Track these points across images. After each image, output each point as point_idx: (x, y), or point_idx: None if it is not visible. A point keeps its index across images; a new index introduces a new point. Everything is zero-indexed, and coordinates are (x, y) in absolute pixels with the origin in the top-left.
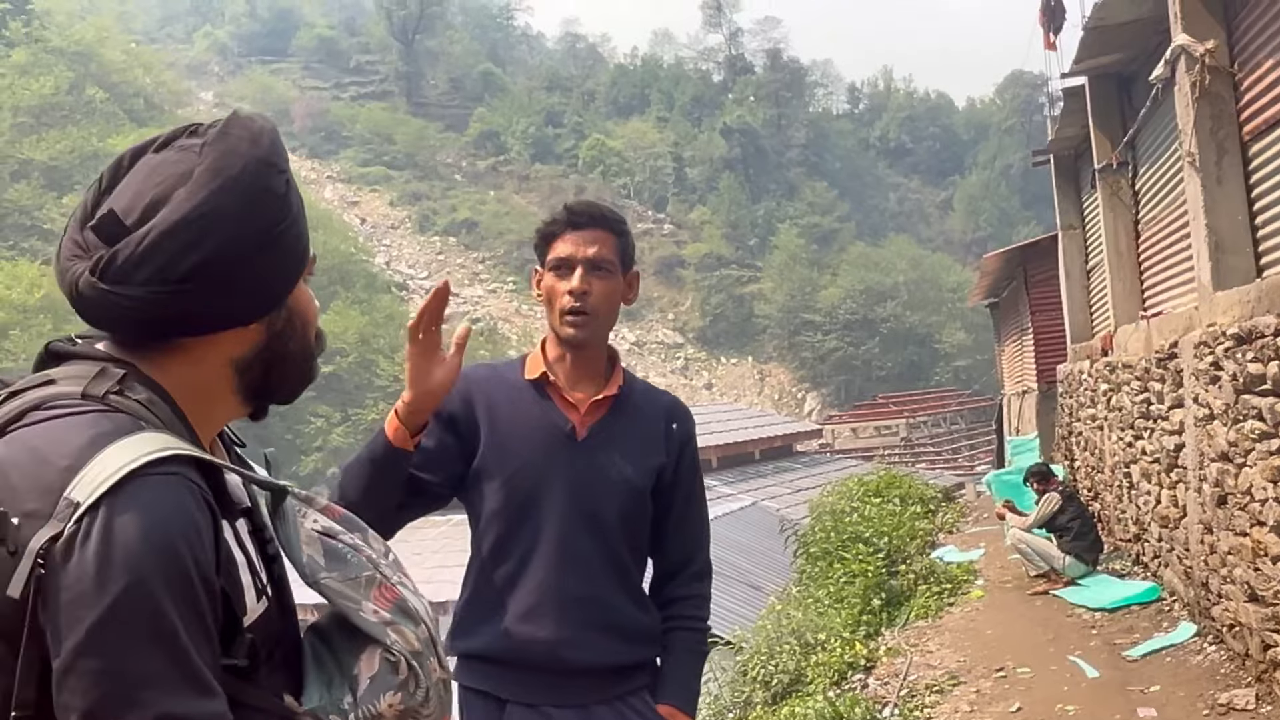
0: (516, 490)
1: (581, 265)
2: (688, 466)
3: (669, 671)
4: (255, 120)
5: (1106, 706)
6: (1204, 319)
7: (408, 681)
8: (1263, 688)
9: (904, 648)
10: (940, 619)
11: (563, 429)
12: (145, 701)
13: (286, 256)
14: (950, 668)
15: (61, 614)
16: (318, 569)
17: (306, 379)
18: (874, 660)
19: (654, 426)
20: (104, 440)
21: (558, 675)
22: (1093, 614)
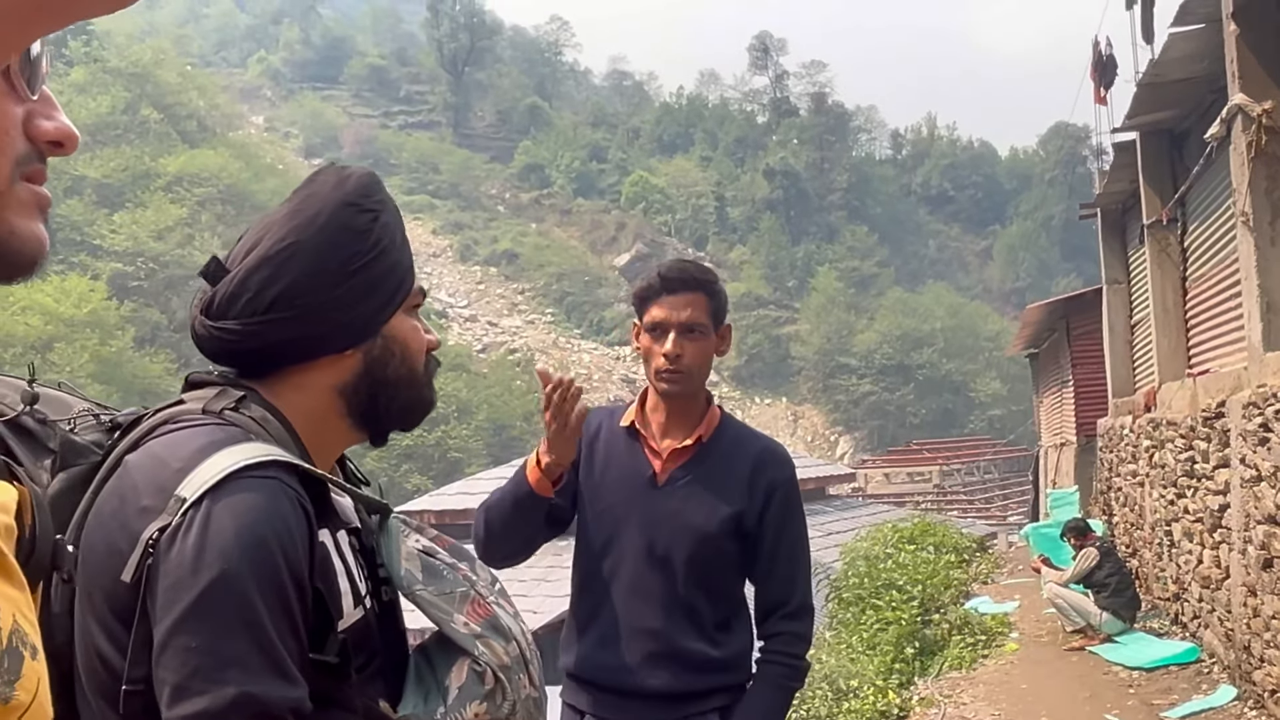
0: (601, 529)
1: (675, 329)
2: (777, 512)
3: (747, 699)
4: (346, 168)
5: None
6: (1254, 379)
7: (494, 693)
8: None
9: (937, 698)
10: (974, 671)
11: (644, 475)
12: (228, 679)
13: (374, 288)
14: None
15: (162, 596)
16: (414, 582)
17: (418, 406)
18: (907, 710)
19: (738, 473)
20: (214, 448)
21: (624, 697)
22: (1130, 673)
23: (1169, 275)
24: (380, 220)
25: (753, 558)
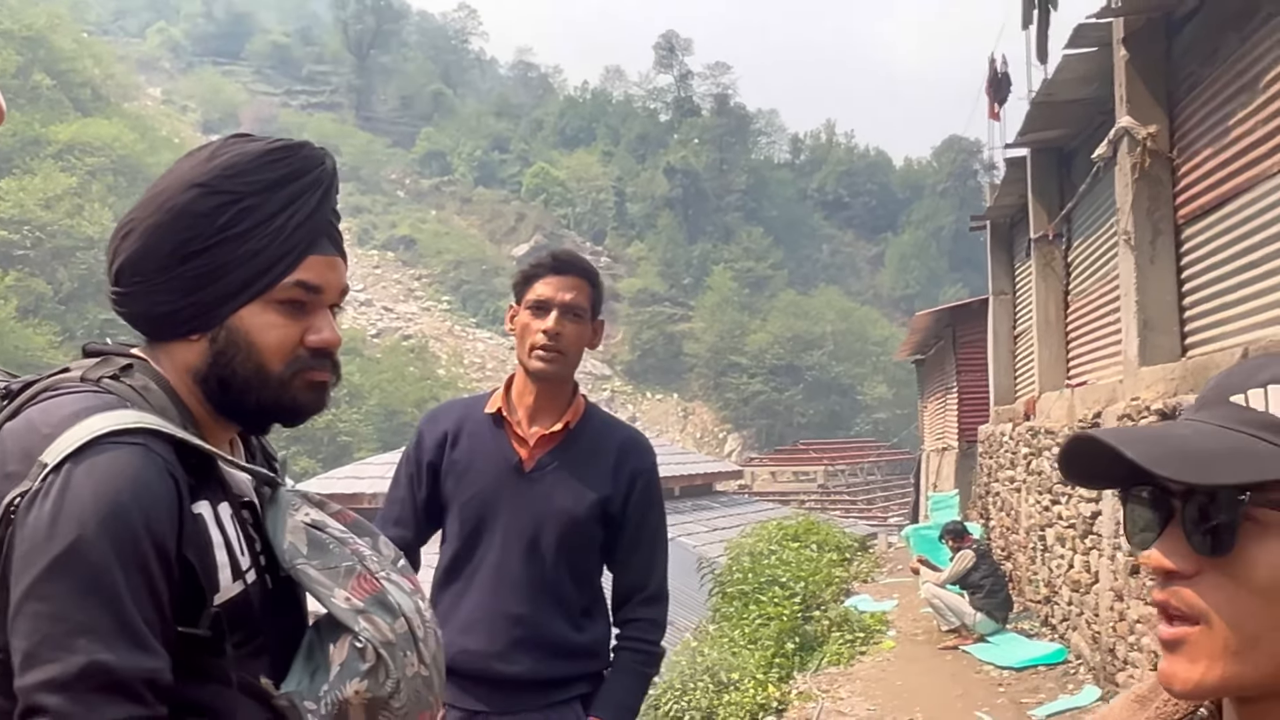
0: (468, 517)
1: (558, 308)
2: (639, 500)
3: (606, 687)
4: (227, 144)
5: None
6: (1128, 392)
7: (375, 670)
8: None
9: (815, 693)
10: (852, 667)
11: (511, 462)
12: (78, 648)
13: (214, 275)
14: (860, 716)
15: (17, 562)
16: (297, 555)
17: (277, 407)
18: (786, 703)
19: (604, 460)
20: (85, 414)
21: (490, 685)
22: (1000, 672)
23: (1052, 289)
24: (238, 205)
25: (614, 543)
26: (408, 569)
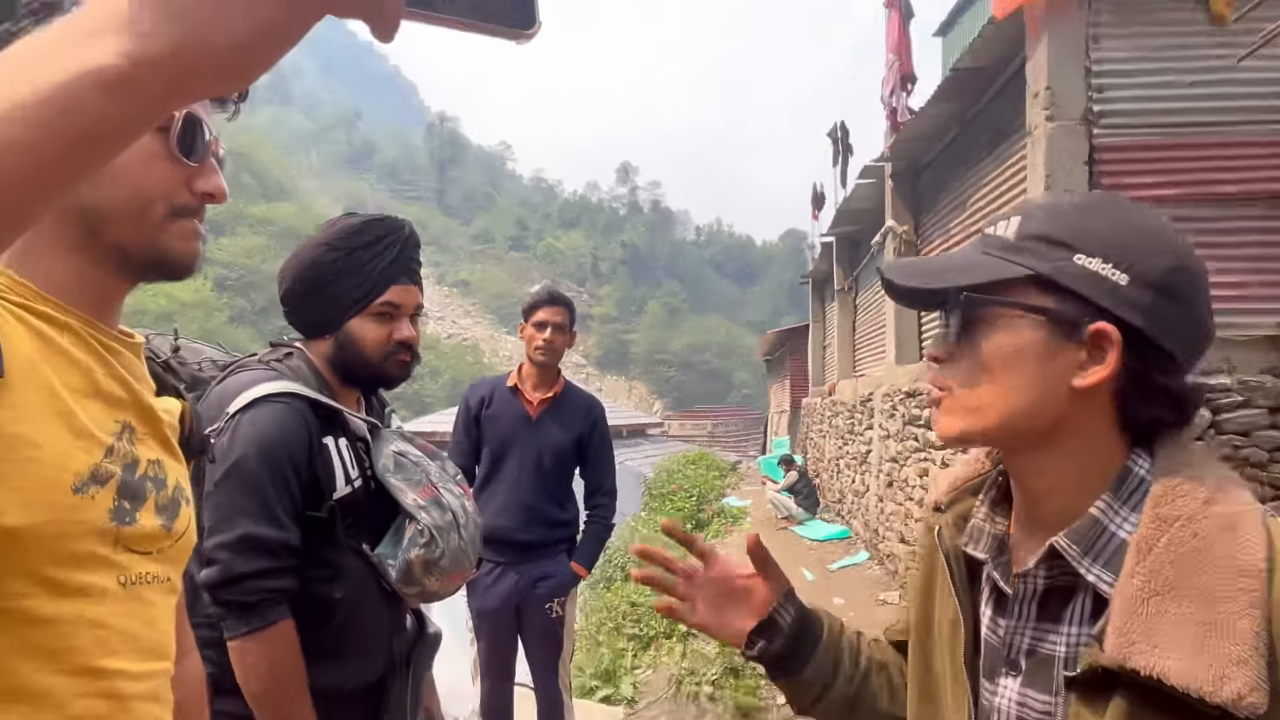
0: (497, 447)
1: (551, 326)
2: (598, 434)
3: (580, 544)
4: (347, 220)
5: (818, 597)
6: (888, 380)
7: (430, 544)
8: (902, 592)
9: None
10: (726, 539)
11: (523, 414)
12: (238, 524)
13: (334, 300)
14: None
15: (209, 471)
16: (387, 472)
17: (378, 377)
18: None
19: (577, 412)
20: (256, 382)
21: (513, 546)
22: (811, 543)
23: (846, 319)
24: (348, 257)
25: (584, 460)
26: (462, 480)
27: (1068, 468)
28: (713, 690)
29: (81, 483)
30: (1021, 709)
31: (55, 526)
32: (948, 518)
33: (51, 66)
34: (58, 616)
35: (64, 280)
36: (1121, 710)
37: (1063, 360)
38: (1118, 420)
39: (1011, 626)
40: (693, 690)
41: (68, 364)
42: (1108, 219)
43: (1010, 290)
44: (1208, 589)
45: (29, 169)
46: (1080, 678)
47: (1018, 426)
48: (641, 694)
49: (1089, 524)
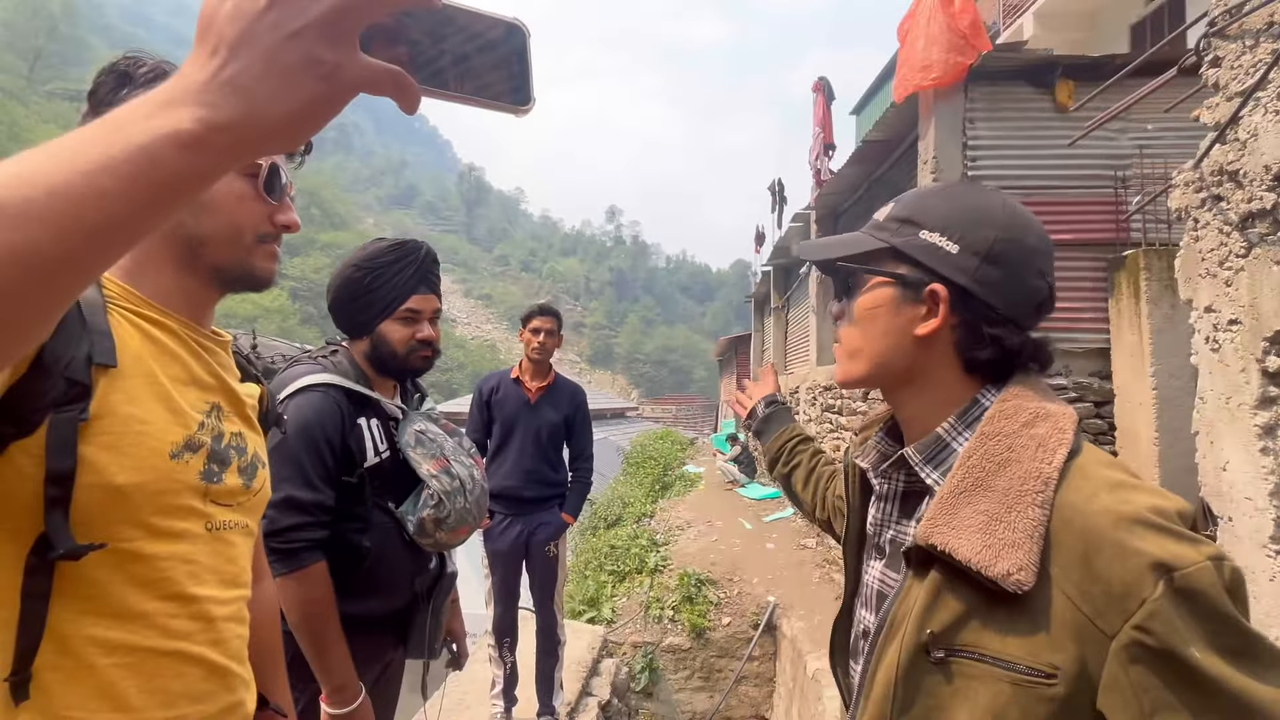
0: (505, 425)
1: (543, 331)
2: (582, 414)
3: (568, 498)
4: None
5: (755, 542)
6: (811, 377)
7: (439, 505)
8: (819, 538)
9: (668, 508)
10: (685, 498)
11: (524, 399)
12: (281, 489)
13: (367, 308)
14: (688, 518)
15: None
16: (409, 446)
17: (405, 369)
18: (654, 513)
19: (566, 397)
20: (305, 374)
21: (518, 501)
22: (751, 501)
23: (780, 329)
24: (372, 275)
25: (571, 432)
26: (475, 453)
27: (924, 400)
28: (673, 614)
29: (178, 450)
30: (882, 584)
31: (157, 484)
32: (855, 440)
33: (139, 128)
34: (157, 554)
35: (168, 291)
36: (935, 580)
37: (908, 315)
38: (960, 363)
39: (878, 519)
40: (657, 613)
41: (169, 358)
42: (951, 201)
43: (875, 260)
44: (1006, 490)
45: (121, 214)
46: (910, 554)
47: (882, 369)
48: (618, 616)
49: (933, 439)
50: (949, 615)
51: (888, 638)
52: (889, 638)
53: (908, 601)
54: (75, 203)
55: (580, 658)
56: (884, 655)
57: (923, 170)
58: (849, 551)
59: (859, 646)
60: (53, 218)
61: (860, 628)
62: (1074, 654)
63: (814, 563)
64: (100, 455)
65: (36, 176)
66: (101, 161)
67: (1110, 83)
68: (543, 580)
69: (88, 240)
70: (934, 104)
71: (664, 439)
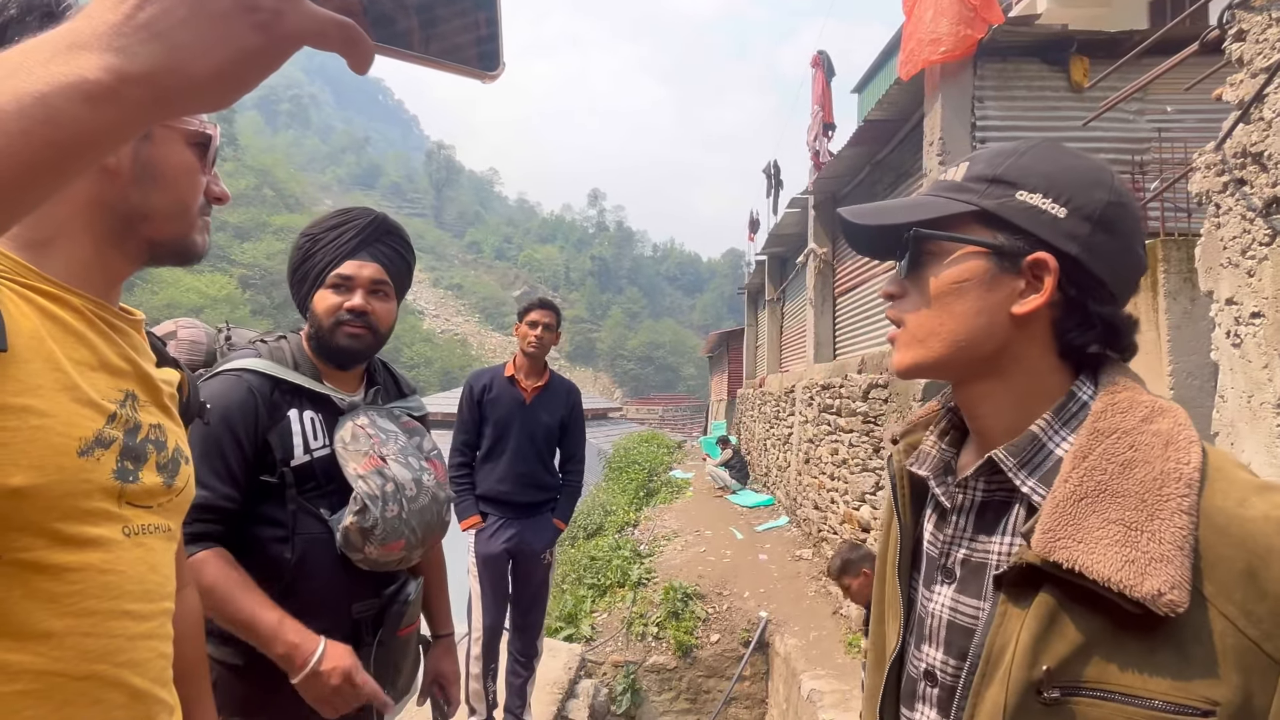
0: (498, 426)
1: (541, 325)
2: (576, 415)
3: (560, 503)
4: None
5: (746, 553)
6: (808, 376)
7: (362, 512)
8: (815, 549)
9: (653, 517)
10: (672, 505)
11: (519, 399)
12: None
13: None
14: (674, 528)
15: None
16: (343, 443)
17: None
18: (638, 521)
19: (561, 397)
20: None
21: (511, 506)
22: (743, 509)
23: (775, 323)
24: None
25: (564, 436)
26: (437, 457)
27: (1012, 393)
28: (657, 630)
29: (86, 446)
30: (953, 614)
31: (63, 486)
32: (899, 447)
33: (35, 76)
34: (65, 565)
35: (83, 265)
36: (1046, 605)
37: (1003, 290)
38: (1056, 348)
39: (948, 537)
40: (640, 630)
41: (74, 339)
42: (1047, 160)
43: (956, 226)
44: (1138, 494)
45: (10, 173)
46: (1008, 576)
47: (963, 355)
48: (598, 633)
49: (1028, 440)
50: (1067, 646)
51: (986, 677)
52: (987, 677)
53: (1005, 632)
54: None
55: (555, 678)
56: (982, 699)
57: (928, 152)
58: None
59: (919, 690)
60: None
61: (921, 667)
62: (1236, 685)
63: (809, 575)
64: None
65: None
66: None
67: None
68: (533, 591)
69: None
70: (941, 81)
71: (650, 442)
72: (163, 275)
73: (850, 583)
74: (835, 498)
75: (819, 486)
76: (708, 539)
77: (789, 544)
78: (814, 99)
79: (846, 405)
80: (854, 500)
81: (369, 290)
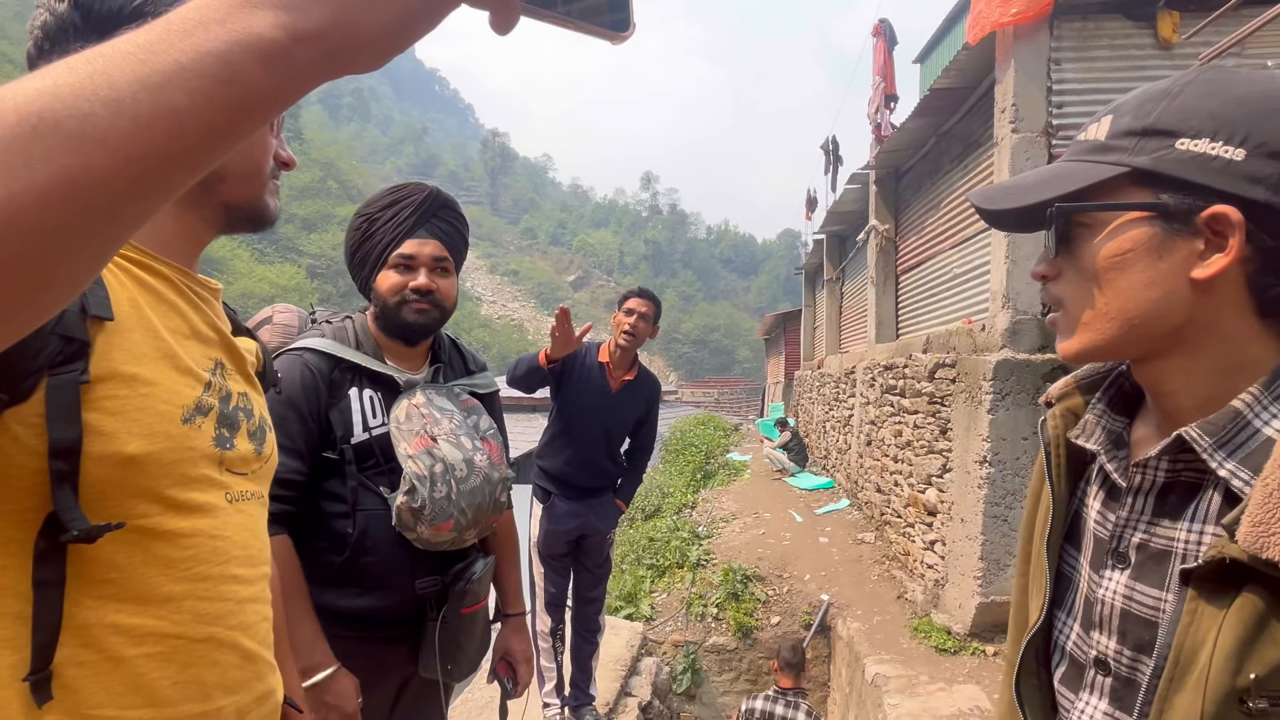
0: (578, 409)
1: (637, 314)
2: (654, 410)
3: (622, 485)
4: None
5: (806, 535)
6: (869, 356)
7: (411, 492)
8: (878, 533)
9: (711, 499)
10: (729, 487)
11: (606, 388)
12: None
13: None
14: (733, 510)
15: None
16: (398, 422)
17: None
18: (696, 503)
19: (645, 393)
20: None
21: (578, 489)
22: (802, 491)
23: (834, 304)
24: (370, 221)
25: (639, 428)
26: (493, 436)
27: (1206, 366)
28: (717, 611)
29: (189, 414)
30: (1128, 602)
31: (172, 453)
32: (1055, 410)
33: (213, 34)
34: (180, 531)
35: (168, 233)
36: (1253, 606)
37: (1178, 254)
38: (1256, 308)
39: (1123, 519)
40: (700, 611)
41: (168, 309)
42: (1209, 94)
43: (1106, 193)
44: None
45: (191, 137)
46: (1202, 571)
47: (1139, 333)
48: (658, 613)
49: (1228, 416)
50: (1277, 653)
51: (1177, 681)
52: (1176, 681)
53: (1197, 632)
54: (142, 122)
55: (619, 655)
56: (1172, 704)
57: (1000, 120)
58: (1049, 550)
59: (1087, 677)
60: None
61: (1091, 654)
62: None
63: (872, 559)
64: (107, 422)
65: (96, 88)
66: (170, 72)
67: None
68: (598, 568)
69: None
70: (1014, 44)
71: (706, 424)
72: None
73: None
74: (899, 480)
75: (881, 469)
76: (766, 521)
77: (850, 527)
78: (875, 70)
79: (911, 386)
80: (919, 483)
81: (430, 268)
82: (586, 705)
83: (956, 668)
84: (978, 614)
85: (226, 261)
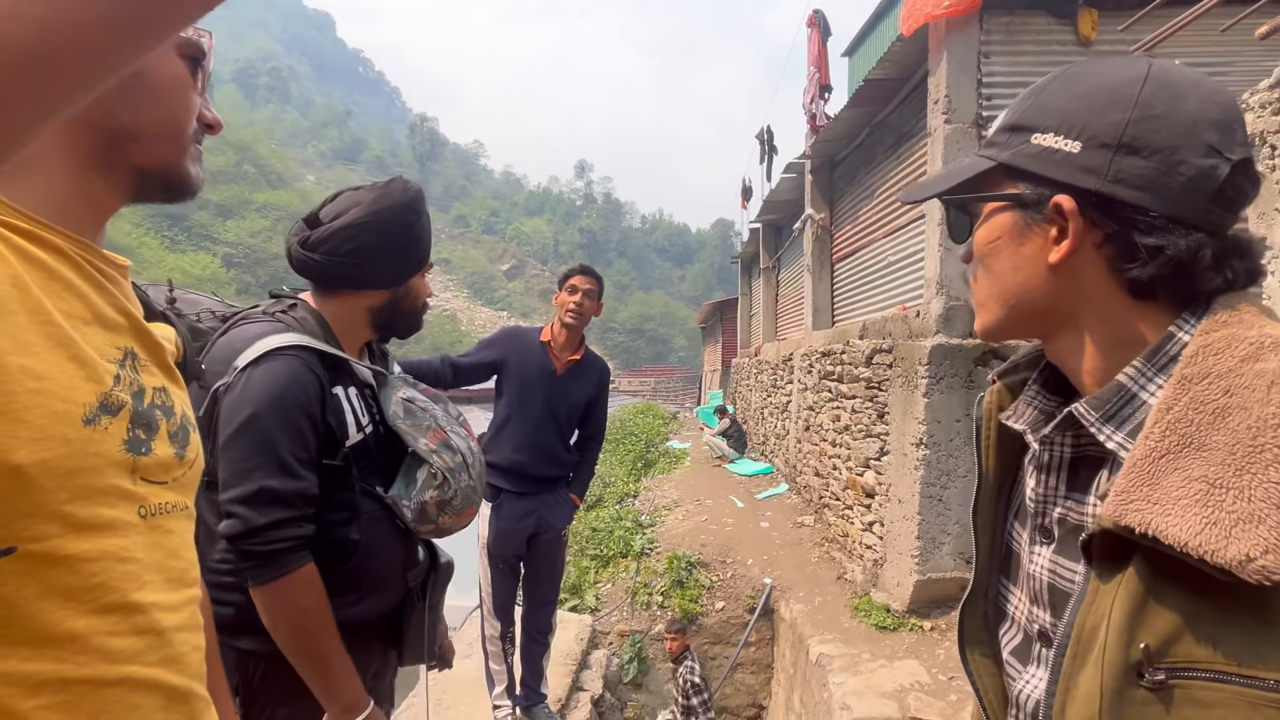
0: (523, 393)
1: (582, 292)
2: (602, 395)
3: (575, 478)
4: (411, 184)
5: (748, 520)
6: (807, 343)
7: (443, 485)
8: (817, 516)
9: (652, 487)
10: (670, 475)
11: (550, 368)
12: (253, 478)
13: (409, 260)
14: (674, 498)
15: (220, 426)
16: (397, 418)
17: (413, 328)
18: (638, 492)
19: (593, 374)
20: (262, 335)
21: (527, 479)
22: (742, 477)
23: (770, 292)
24: (420, 222)
25: (589, 412)
26: (466, 422)
27: (1094, 342)
28: (662, 599)
29: (92, 414)
30: (1054, 576)
31: (70, 461)
32: (996, 387)
33: None
34: (82, 554)
35: (63, 198)
36: (1141, 576)
37: (1035, 241)
38: (1123, 287)
39: (1041, 494)
40: (645, 599)
41: (62, 288)
42: (1063, 90)
43: (987, 183)
44: (1229, 446)
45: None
46: (1091, 545)
47: (1020, 314)
48: (603, 604)
49: (1113, 390)
50: (1166, 624)
51: (1078, 659)
52: (1079, 659)
53: (1098, 607)
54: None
55: (569, 650)
56: (1076, 682)
57: (933, 111)
58: (980, 523)
59: (1034, 651)
60: None
61: (1035, 628)
62: None
63: (812, 541)
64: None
65: None
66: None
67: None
68: (550, 567)
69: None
70: (946, 36)
71: (645, 413)
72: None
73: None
74: (838, 464)
75: (820, 454)
76: (708, 508)
77: (790, 511)
78: (809, 60)
79: (849, 371)
80: (858, 466)
81: None
82: (539, 704)
83: (896, 644)
84: (915, 591)
85: (133, 249)
